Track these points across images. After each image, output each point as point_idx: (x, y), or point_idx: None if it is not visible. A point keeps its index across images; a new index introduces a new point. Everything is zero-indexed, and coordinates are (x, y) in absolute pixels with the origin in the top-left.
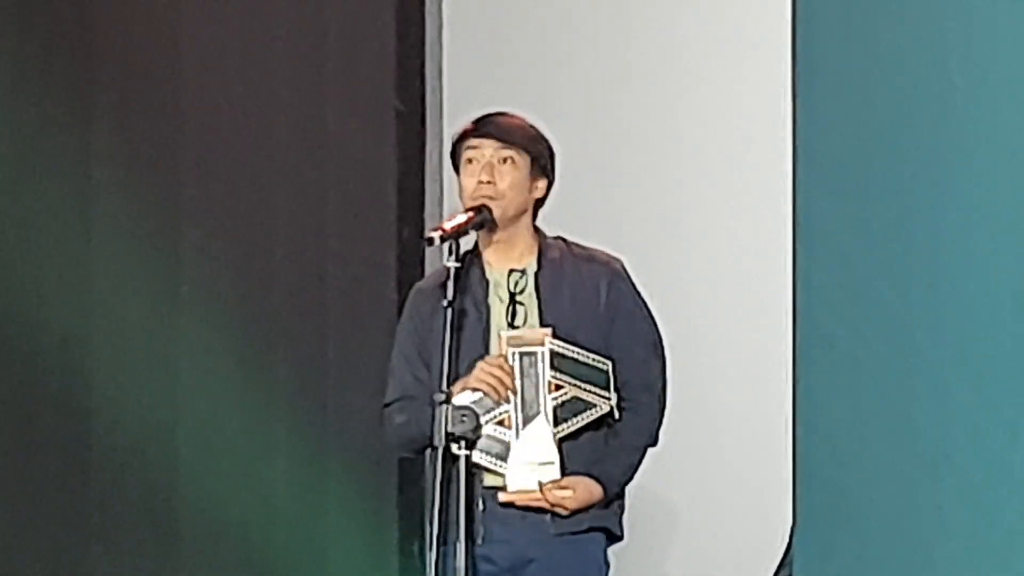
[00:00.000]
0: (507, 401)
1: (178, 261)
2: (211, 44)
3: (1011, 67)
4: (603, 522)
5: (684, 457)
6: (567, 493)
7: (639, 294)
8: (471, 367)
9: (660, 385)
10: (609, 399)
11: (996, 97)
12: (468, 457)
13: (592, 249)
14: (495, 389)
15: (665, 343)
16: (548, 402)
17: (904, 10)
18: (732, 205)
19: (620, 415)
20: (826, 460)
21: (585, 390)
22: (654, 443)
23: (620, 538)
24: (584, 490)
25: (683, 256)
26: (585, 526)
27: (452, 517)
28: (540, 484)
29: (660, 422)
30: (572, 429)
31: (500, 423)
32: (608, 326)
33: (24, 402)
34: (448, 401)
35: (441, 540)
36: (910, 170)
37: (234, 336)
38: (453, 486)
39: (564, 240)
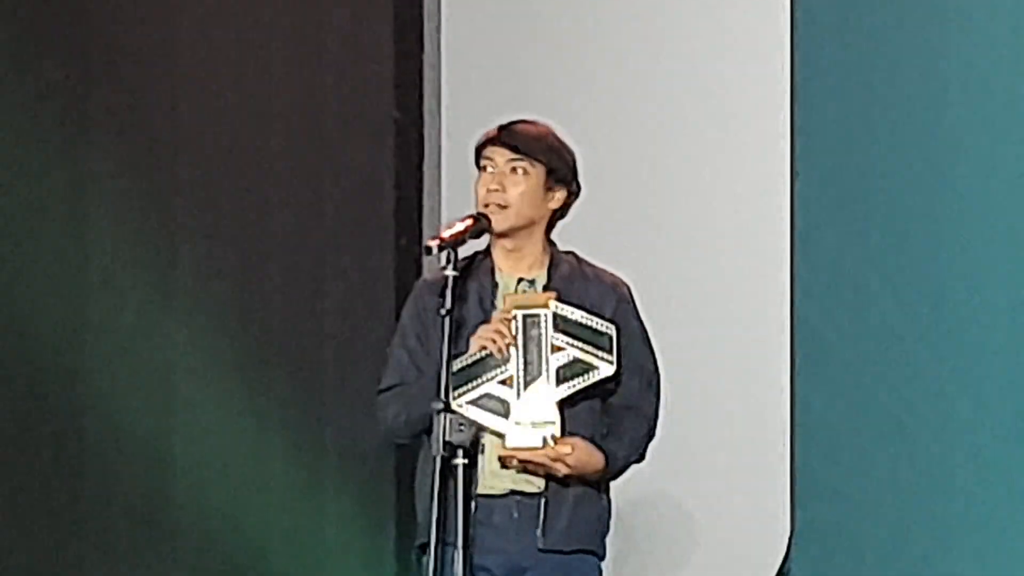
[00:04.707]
0: (508, 349)
1: (175, 271)
2: (208, 54)
3: (1009, 77)
4: (591, 545)
5: (682, 468)
6: (567, 450)
7: (641, 320)
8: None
9: (652, 414)
10: (611, 362)
11: (994, 107)
12: (467, 466)
13: (601, 269)
14: (493, 341)
15: (662, 364)
16: (551, 364)
17: (901, 21)
18: (731, 215)
19: (607, 441)
20: (825, 472)
21: (587, 352)
22: (626, 469)
23: (603, 558)
24: (584, 451)
25: (682, 266)
26: (574, 547)
27: (450, 525)
28: (544, 440)
29: (645, 451)
30: (573, 390)
31: (503, 383)
32: None
33: (20, 412)
34: (446, 409)
35: (439, 547)
36: (908, 182)
37: (231, 345)
38: (450, 493)
39: (576, 256)
